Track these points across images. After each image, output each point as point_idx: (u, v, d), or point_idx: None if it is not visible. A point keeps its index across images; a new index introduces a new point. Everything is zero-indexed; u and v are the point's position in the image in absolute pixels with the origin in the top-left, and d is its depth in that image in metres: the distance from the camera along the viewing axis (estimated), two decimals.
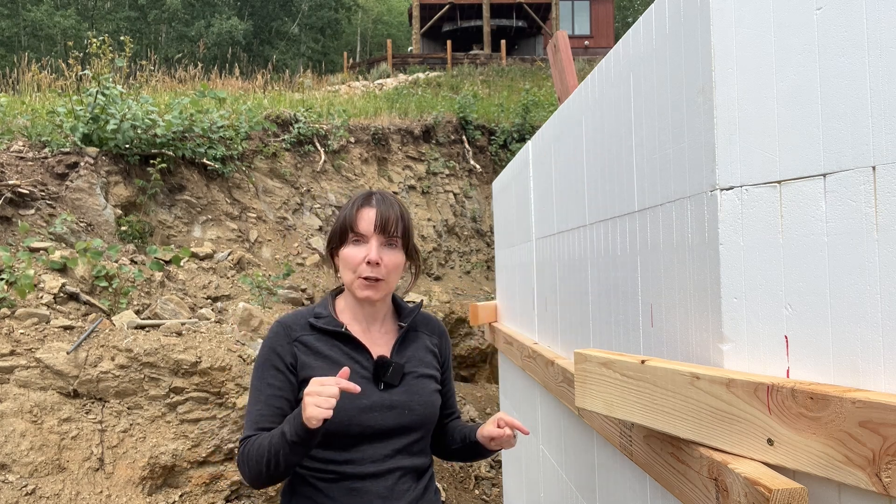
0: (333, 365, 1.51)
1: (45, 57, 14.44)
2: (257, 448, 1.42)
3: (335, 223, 1.61)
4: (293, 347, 1.53)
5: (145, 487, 3.71)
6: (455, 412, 1.81)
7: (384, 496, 1.49)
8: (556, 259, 2.18)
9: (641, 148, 1.34)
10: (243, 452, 1.47)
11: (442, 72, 17.24)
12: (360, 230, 1.53)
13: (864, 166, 0.87)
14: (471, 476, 5.26)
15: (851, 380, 0.88)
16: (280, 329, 1.56)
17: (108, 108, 5.46)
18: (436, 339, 1.72)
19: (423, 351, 1.66)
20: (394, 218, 1.55)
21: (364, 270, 1.52)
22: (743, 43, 1.00)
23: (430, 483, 1.64)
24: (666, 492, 1.23)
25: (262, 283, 5.39)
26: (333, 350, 1.54)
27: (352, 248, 1.54)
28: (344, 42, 33.39)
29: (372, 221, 1.53)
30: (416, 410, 1.55)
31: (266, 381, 1.52)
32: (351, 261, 1.53)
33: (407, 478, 1.54)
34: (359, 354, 1.55)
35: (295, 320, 1.58)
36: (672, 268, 1.20)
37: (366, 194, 1.61)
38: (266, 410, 1.49)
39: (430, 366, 1.65)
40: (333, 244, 1.61)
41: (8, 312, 3.88)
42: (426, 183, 8.07)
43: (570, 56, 3.18)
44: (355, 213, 1.55)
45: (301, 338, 1.55)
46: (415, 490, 1.56)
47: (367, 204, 1.56)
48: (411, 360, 1.61)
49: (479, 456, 1.71)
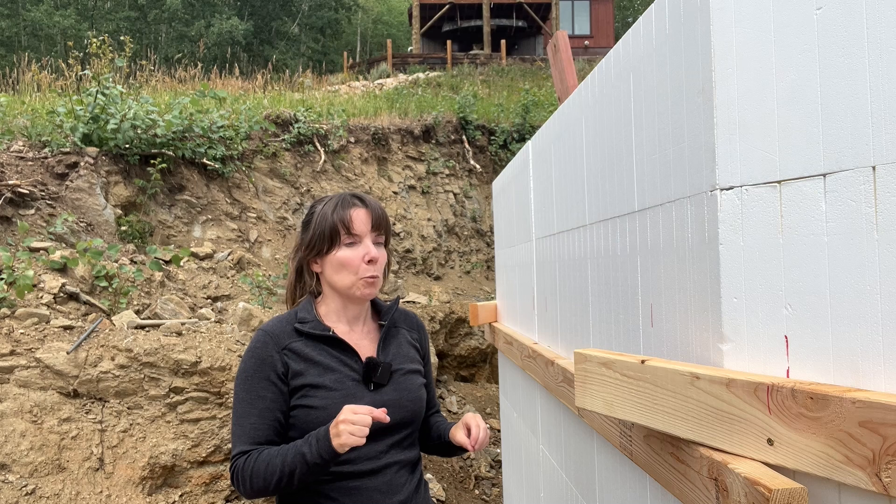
0: (325, 370, 1.51)
1: (45, 57, 14.44)
2: (265, 465, 1.41)
3: (314, 230, 1.57)
4: (283, 356, 1.52)
5: (145, 487, 3.71)
6: (435, 407, 1.83)
7: (383, 491, 1.50)
8: (556, 259, 2.18)
9: (641, 148, 1.34)
10: (243, 468, 1.44)
11: (442, 72, 17.23)
12: (356, 230, 1.54)
13: (864, 166, 0.87)
14: (471, 476, 5.26)
15: (851, 380, 0.88)
16: (267, 339, 1.53)
17: (108, 108, 5.46)
18: (415, 334, 1.75)
19: (406, 346, 1.69)
20: (384, 216, 1.61)
21: (366, 270, 1.54)
22: (743, 43, 1.00)
23: (421, 476, 1.67)
24: (666, 492, 1.23)
25: (262, 283, 5.39)
26: (322, 355, 1.54)
27: (347, 250, 1.54)
28: (344, 42, 33.39)
29: (367, 221, 1.56)
30: (406, 407, 1.57)
31: (257, 392, 1.49)
32: (350, 263, 1.54)
33: (403, 471, 1.56)
34: (347, 357, 1.55)
35: (280, 328, 1.56)
36: (672, 268, 1.20)
37: (345, 197, 1.60)
38: (261, 423, 1.48)
39: (414, 360, 1.68)
40: (316, 251, 1.57)
41: (8, 312, 3.88)
42: (426, 183, 8.07)
43: (570, 56, 3.18)
44: (348, 215, 1.55)
45: (290, 345, 1.53)
46: (411, 483, 1.58)
47: (357, 205, 1.57)
48: (396, 357, 1.64)
49: (455, 454, 1.75)
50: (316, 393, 1.49)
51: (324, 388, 1.50)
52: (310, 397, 1.49)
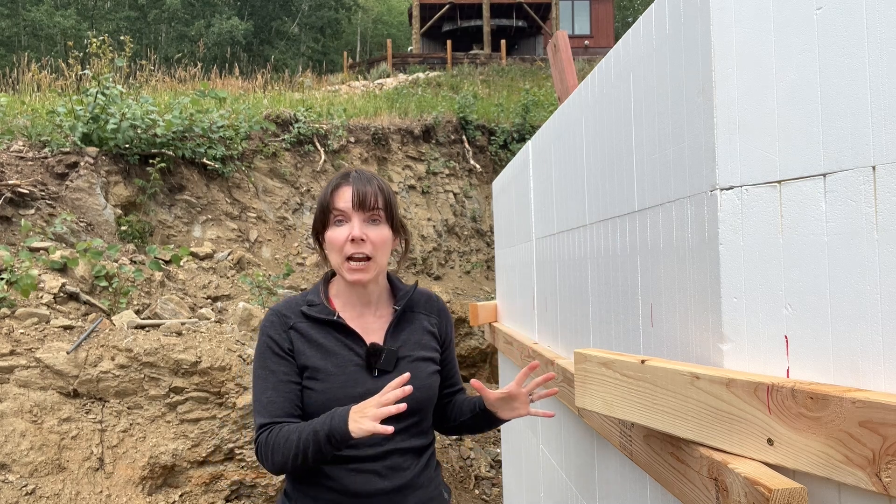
0: (328, 354, 1.53)
1: (45, 57, 14.44)
2: (284, 441, 1.44)
3: (317, 208, 1.59)
4: (289, 334, 1.55)
5: (145, 487, 3.71)
6: (458, 386, 1.80)
7: (383, 475, 1.51)
8: (556, 259, 2.18)
9: (641, 148, 1.34)
10: (266, 442, 1.48)
11: (442, 72, 17.23)
12: (340, 207, 1.51)
13: (864, 166, 0.87)
14: (471, 476, 5.26)
15: (851, 380, 0.88)
16: (275, 318, 1.57)
17: (108, 108, 5.46)
18: (434, 319, 1.70)
19: (420, 332, 1.65)
20: (372, 192, 1.52)
21: (349, 249, 1.50)
22: (743, 43, 1.00)
23: (430, 460, 1.65)
24: (666, 492, 1.23)
25: (262, 282, 5.39)
26: (327, 338, 1.55)
27: (335, 228, 1.52)
28: (344, 42, 33.39)
29: (349, 198, 1.51)
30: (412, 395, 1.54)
31: (270, 368, 1.53)
32: (336, 241, 1.51)
33: (406, 457, 1.56)
34: (352, 342, 1.55)
35: (289, 308, 1.59)
36: (672, 268, 1.20)
37: (343, 173, 1.59)
38: (277, 396, 1.51)
39: (427, 347, 1.64)
40: (318, 229, 1.59)
41: (8, 312, 3.88)
42: (426, 183, 8.07)
43: (570, 56, 3.18)
44: (332, 192, 1.54)
45: (296, 325, 1.56)
46: (414, 468, 1.58)
47: (345, 182, 1.54)
48: (406, 344, 1.60)
49: (489, 425, 1.70)
50: (316, 375, 1.51)
51: (324, 371, 1.51)
52: (310, 379, 1.52)
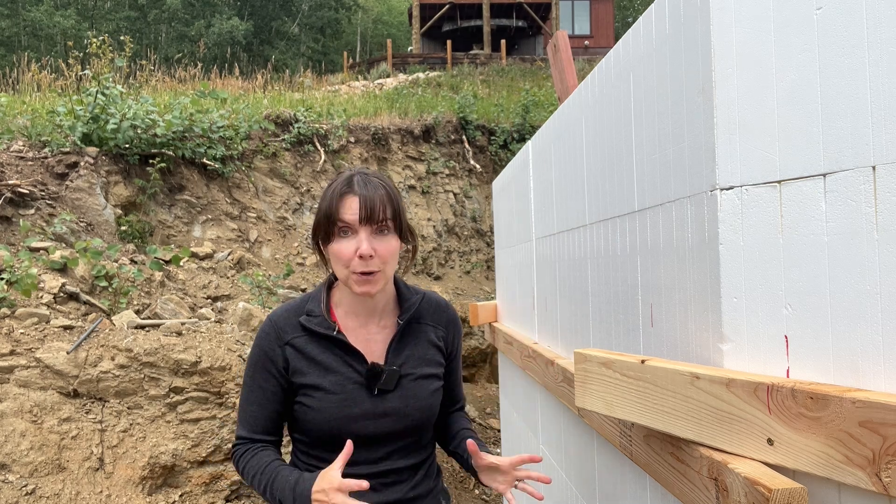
0: (326, 371, 1.46)
1: (45, 57, 14.44)
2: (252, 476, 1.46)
3: (318, 211, 1.46)
4: (284, 351, 1.47)
5: (145, 487, 3.71)
6: (458, 402, 1.73)
7: (377, 490, 1.49)
8: (556, 259, 2.18)
9: (641, 148, 1.34)
10: (239, 461, 1.50)
11: (442, 72, 17.23)
12: (346, 220, 1.38)
13: (864, 166, 0.87)
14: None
15: (851, 380, 0.88)
16: (271, 330, 1.49)
17: (108, 108, 5.46)
18: (441, 331, 1.60)
19: (425, 346, 1.55)
20: (380, 203, 1.39)
21: (357, 265, 1.38)
22: (743, 43, 1.00)
23: (429, 469, 1.59)
24: (666, 492, 1.23)
25: (262, 282, 5.39)
26: (325, 354, 1.47)
27: (340, 241, 1.39)
28: (344, 42, 33.39)
29: (356, 211, 1.37)
30: (411, 416, 1.48)
31: (258, 383, 1.50)
32: (342, 256, 1.39)
33: (403, 473, 1.53)
34: (352, 359, 1.47)
35: (286, 320, 1.50)
36: (672, 268, 1.20)
37: (346, 178, 1.43)
38: (259, 413, 1.51)
39: (431, 363, 1.54)
40: (320, 236, 1.45)
41: (8, 312, 3.88)
42: (426, 183, 8.07)
43: (570, 56, 3.18)
44: (338, 202, 1.39)
45: (292, 341, 1.47)
46: (411, 480, 1.54)
47: (350, 191, 1.40)
48: (410, 360, 1.51)
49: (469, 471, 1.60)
50: (314, 394, 1.45)
51: (322, 390, 1.45)
52: (308, 397, 1.46)
